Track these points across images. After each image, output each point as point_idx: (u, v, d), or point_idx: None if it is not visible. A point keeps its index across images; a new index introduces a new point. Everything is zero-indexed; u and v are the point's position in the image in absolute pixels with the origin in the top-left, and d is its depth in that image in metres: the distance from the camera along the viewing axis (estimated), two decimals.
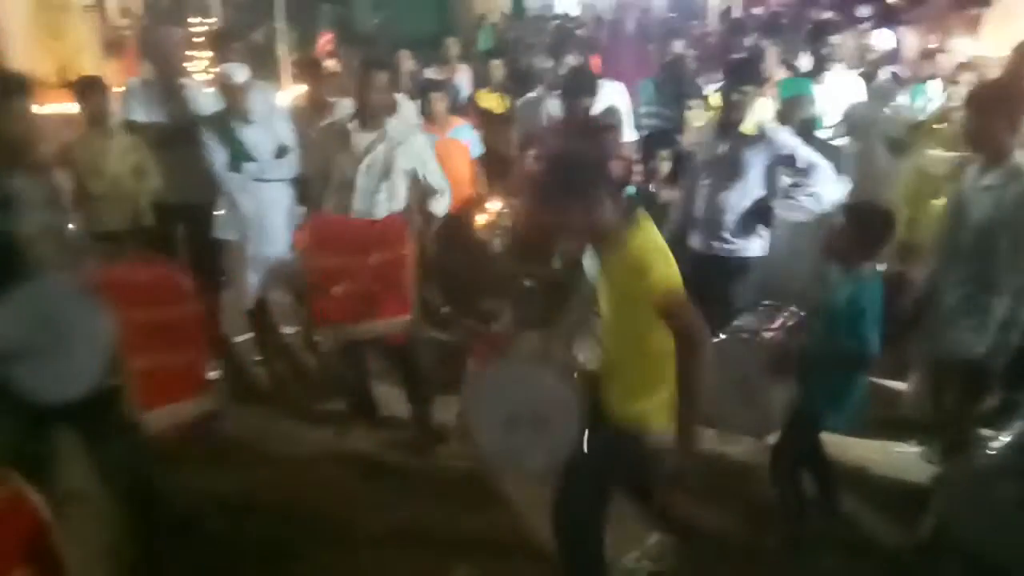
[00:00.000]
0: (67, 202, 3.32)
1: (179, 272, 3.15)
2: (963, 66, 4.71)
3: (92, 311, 2.61)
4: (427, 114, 4.86)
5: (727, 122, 3.89)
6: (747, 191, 3.85)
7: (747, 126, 3.85)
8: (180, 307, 2.99)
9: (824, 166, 3.80)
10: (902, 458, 3.78)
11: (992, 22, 7.51)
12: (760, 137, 3.83)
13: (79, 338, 2.59)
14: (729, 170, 3.85)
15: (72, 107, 4.34)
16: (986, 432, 3.18)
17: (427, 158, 3.97)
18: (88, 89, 4.21)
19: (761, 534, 3.20)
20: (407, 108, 5.05)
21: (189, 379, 3.03)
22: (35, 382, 2.54)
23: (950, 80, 4.53)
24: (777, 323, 3.17)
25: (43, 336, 2.55)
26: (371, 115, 3.80)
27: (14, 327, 2.53)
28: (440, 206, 4.05)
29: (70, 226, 3.24)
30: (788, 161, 3.81)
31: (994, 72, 4.34)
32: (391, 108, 4.43)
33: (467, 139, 4.96)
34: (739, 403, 2.96)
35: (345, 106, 4.72)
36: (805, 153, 3.81)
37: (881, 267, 3.08)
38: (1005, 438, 2.70)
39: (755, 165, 3.82)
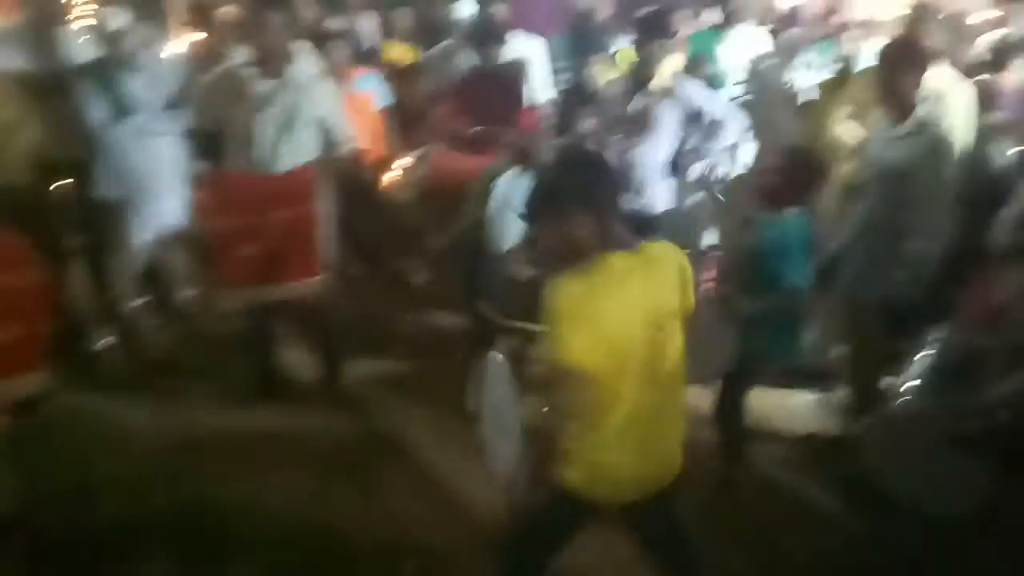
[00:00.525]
0: None
1: (8, 240, 2.85)
2: (862, 24, 4.81)
3: None
4: (327, 65, 4.62)
5: (638, 77, 3.86)
6: (659, 146, 3.85)
7: (658, 81, 3.82)
8: (10, 276, 2.74)
9: (735, 119, 3.84)
10: (803, 407, 3.92)
11: None
12: (671, 92, 3.81)
13: None
14: (640, 125, 3.83)
15: None
16: (890, 379, 3.34)
17: (333, 106, 3.77)
18: None
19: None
20: (308, 56, 4.79)
21: (17, 355, 2.78)
22: None
23: (847, 39, 4.62)
24: (712, 270, 3.21)
25: None
26: (269, 60, 3.56)
27: None
28: (347, 153, 3.87)
29: None
30: (699, 115, 3.82)
31: (893, 30, 4.43)
32: (291, 56, 4.20)
33: (371, 89, 4.77)
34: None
35: (240, 54, 4.44)
36: (716, 107, 3.84)
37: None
38: (909, 383, 2.82)
39: (666, 120, 3.81)
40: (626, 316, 1.99)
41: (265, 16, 3.52)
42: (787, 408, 3.86)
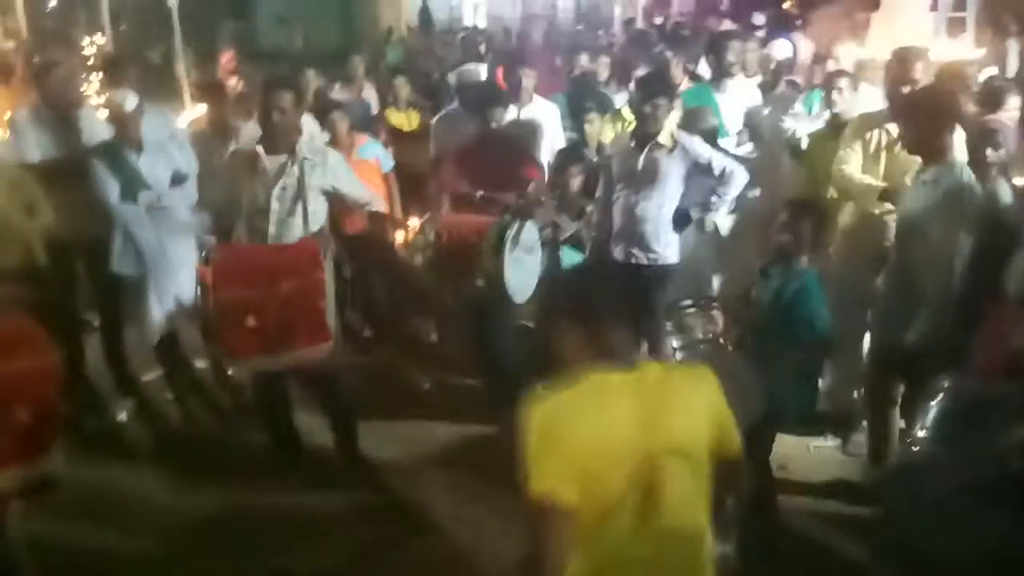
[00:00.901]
0: None
1: (23, 325, 2.87)
2: (840, 72, 4.91)
3: None
4: (331, 135, 4.75)
5: (643, 134, 3.95)
6: (665, 200, 3.93)
7: (662, 137, 3.92)
8: (15, 363, 2.72)
9: (740, 172, 3.91)
10: (821, 452, 3.90)
11: (878, 26, 7.91)
12: (675, 147, 3.90)
13: None
14: (647, 180, 3.92)
15: None
16: (904, 426, 3.33)
17: (342, 173, 3.87)
18: None
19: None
20: (313, 128, 4.94)
21: (29, 439, 2.76)
22: None
23: (832, 87, 4.72)
24: (718, 324, 3.25)
25: None
26: (279, 137, 3.68)
27: None
28: (376, 207, 3.99)
29: None
30: (704, 169, 3.90)
31: (878, 75, 4.54)
32: (300, 130, 4.33)
33: (374, 156, 4.91)
34: None
35: (250, 128, 4.57)
36: (720, 160, 3.92)
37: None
38: (924, 430, 2.82)
39: (672, 174, 3.90)
40: (604, 446, 1.69)
41: (275, 96, 3.63)
42: (806, 455, 3.85)
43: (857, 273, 3.85)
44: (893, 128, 3.72)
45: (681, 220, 3.98)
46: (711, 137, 4.39)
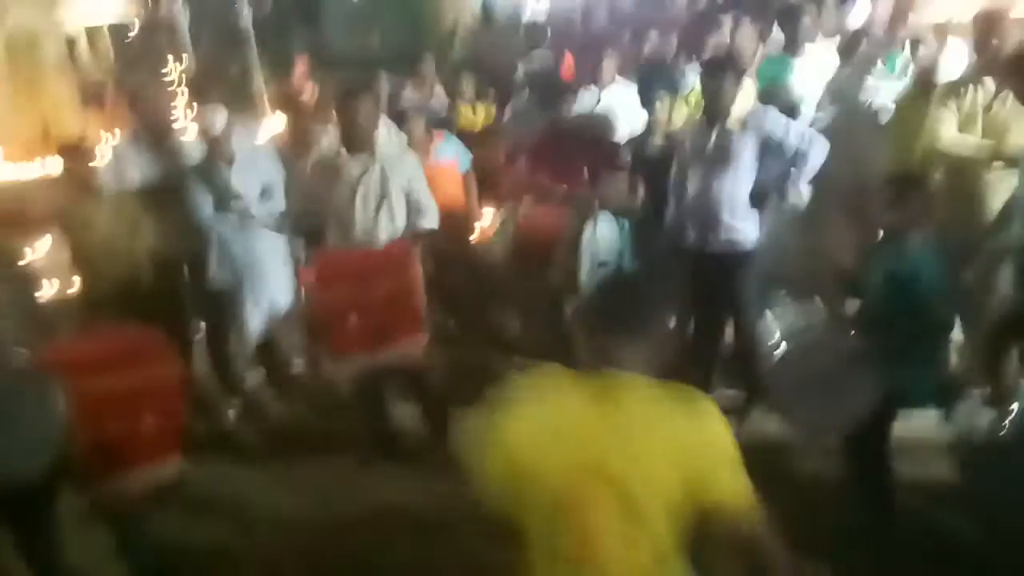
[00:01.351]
0: (31, 278, 3.28)
1: (149, 335, 3.10)
2: (937, 28, 4.71)
3: (42, 389, 2.62)
4: (408, 138, 4.84)
5: (713, 113, 3.87)
6: (740, 180, 3.80)
7: (734, 115, 3.82)
8: (147, 371, 2.96)
9: (819, 143, 3.77)
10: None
11: None
12: (748, 123, 3.80)
13: (28, 418, 2.61)
14: (720, 161, 3.81)
15: (57, 166, 4.33)
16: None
17: (417, 177, 3.98)
18: (72, 153, 4.17)
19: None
20: (392, 130, 5.06)
21: (157, 443, 3.00)
22: None
23: (917, 43, 4.53)
24: (839, 313, 3.14)
25: None
26: (360, 142, 3.80)
27: None
28: (427, 225, 4.05)
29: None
30: (780, 144, 3.79)
31: (963, 29, 4.34)
32: (375, 133, 4.45)
33: (452, 154, 4.96)
34: (823, 405, 2.91)
35: (330, 134, 4.73)
36: (796, 133, 3.78)
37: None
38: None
39: (745, 152, 3.78)
40: (532, 452, 1.56)
41: (353, 103, 3.75)
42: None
43: (963, 240, 3.69)
44: (989, 85, 3.57)
45: (759, 199, 3.85)
46: (791, 110, 4.27)
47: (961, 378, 3.82)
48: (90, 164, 4.17)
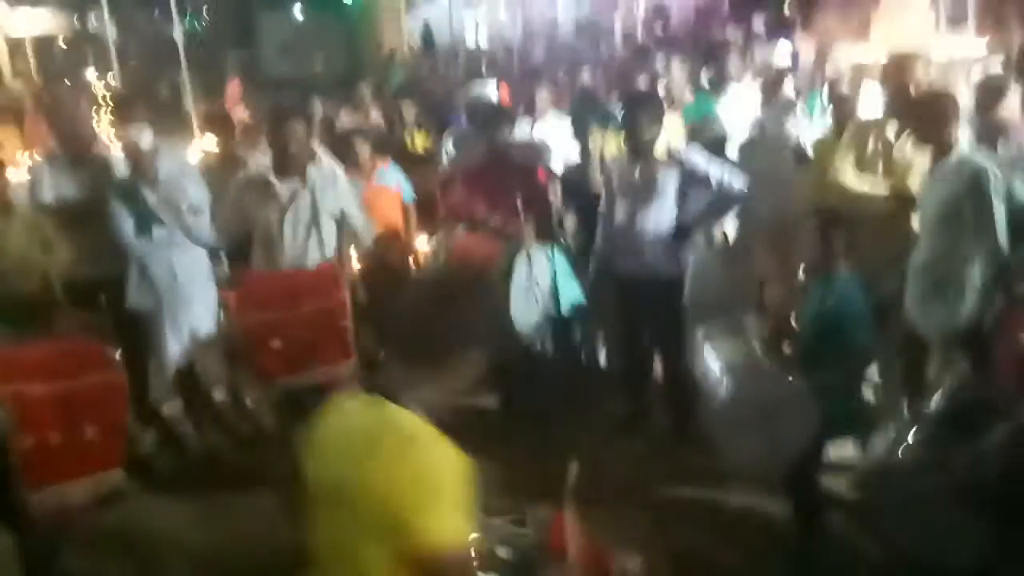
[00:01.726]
0: None
1: (92, 345, 3.08)
2: (856, 69, 4.94)
3: None
4: (352, 161, 4.82)
5: (634, 147, 3.97)
6: (664, 213, 3.91)
7: (658, 148, 3.93)
8: (87, 379, 2.93)
9: (739, 181, 3.90)
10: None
11: (878, 25, 7.91)
12: (671, 159, 3.91)
13: None
14: (644, 194, 3.92)
15: None
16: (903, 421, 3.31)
17: (350, 200, 3.95)
18: None
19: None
20: (323, 155, 5.01)
21: (98, 452, 2.97)
22: None
23: (834, 88, 4.75)
24: (752, 340, 3.23)
25: None
26: (291, 165, 3.75)
27: None
28: (367, 241, 4.04)
29: None
30: (701, 180, 3.90)
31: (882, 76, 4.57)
32: (311, 156, 4.40)
33: (395, 181, 4.95)
34: (757, 439, 2.95)
35: (259, 158, 4.65)
36: (718, 170, 3.91)
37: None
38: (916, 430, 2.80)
39: (669, 187, 3.89)
40: (309, 470, 1.69)
41: (286, 126, 3.71)
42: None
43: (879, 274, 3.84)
44: (889, 131, 3.77)
45: (682, 232, 3.96)
46: (719, 146, 4.40)
47: (878, 406, 3.95)
48: (2, 180, 4.00)
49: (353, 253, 4.17)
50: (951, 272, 3.33)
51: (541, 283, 4.04)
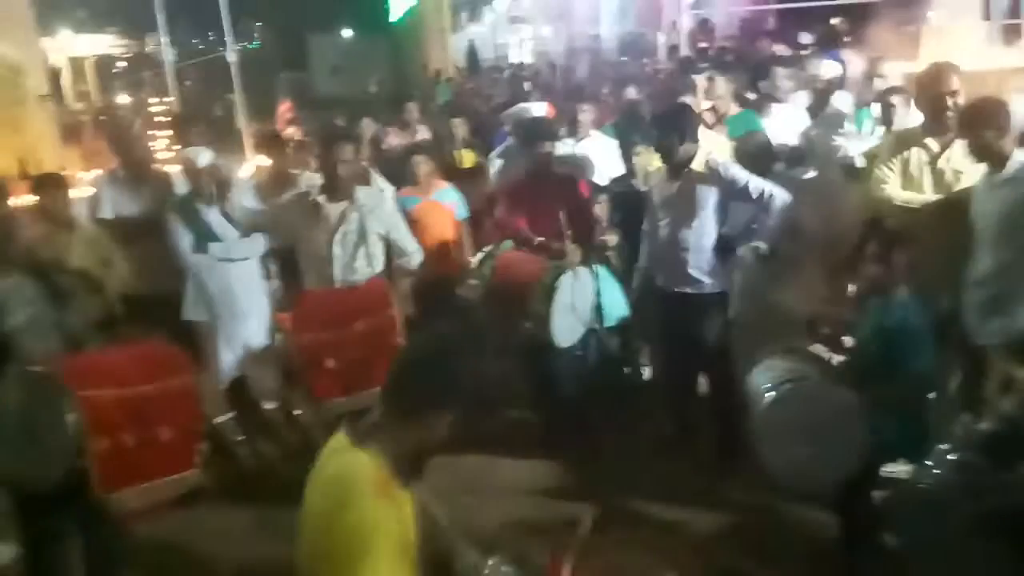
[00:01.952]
0: (66, 295, 3.32)
1: (170, 349, 3.18)
2: (895, 89, 4.86)
3: (55, 401, 2.67)
4: (412, 177, 4.94)
5: (670, 164, 3.97)
6: (704, 228, 3.89)
7: (695, 164, 3.92)
8: (164, 383, 3.00)
9: (780, 194, 3.86)
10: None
11: (929, 40, 7.80)
12: (710, 174, 3.89)
13: (45, 427, 2.68)
14: (684, 209, 3.91)
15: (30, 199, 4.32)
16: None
17: (396, 221, 4.03)
18: (46, 186, 4.13)
19: None
20: (375, 176, 5.12)
21: (173, 455, 3.03)
22: (7, 470, 2.70)
23: (886, 103, 4.68)
24: (826, 362, 3.15)
25: (11, 428, 2.66)
26: (341, 186, 3.85)
27: None
28: (411, 266, 4.10)
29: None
30: (742, 194, 3.87)
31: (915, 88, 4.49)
32: (361, 177, 4.50)
33: (451, 201, 5.03)
34: (807, 455, 2.91)
35: (309, 177, 4.77)
36: (757, 184, 3.87)
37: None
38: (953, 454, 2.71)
39: (708, 202, 3.88)
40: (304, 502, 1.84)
41: (335, 149, 3.82)
42: None
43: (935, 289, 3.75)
44: (932, 143, 3.69)
45: (725, 247, 3.93)
46: (766, 159, 4.35)
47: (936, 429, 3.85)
48: (62, 198, 4.11)
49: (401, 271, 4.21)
50: (1013, 283, 3.26)
51: (585, 299, 4.04)
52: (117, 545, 3.10)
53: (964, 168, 3.63)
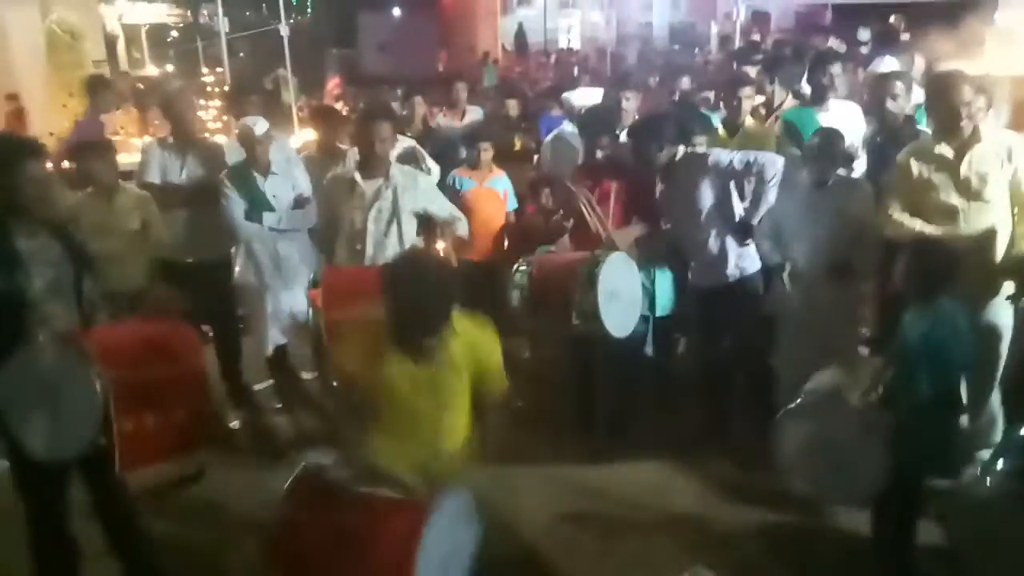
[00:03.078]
0: (87, 260, 3.32)
1: (181, 329, 3.11)
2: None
3: (84, 373, 2.64)
4: (472, 162, 4.93)
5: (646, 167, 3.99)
6: (710, 217, 3.89)
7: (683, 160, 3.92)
8: (177, 365, 2.96)
9: (770, 159, 3.78)
10: None
11: (992, 41, 7.57)
12: (688, 165, 3.90)
13: (69, 399, 2.64)
14: (683, 204, 3.94)
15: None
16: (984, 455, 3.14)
17: (434, 195, 4.06)
18: (90, 150, 4.16)
19: None
20: (424, 156, 5.15)
21: (182, 436, 2.98)
22: (31, 441, 2.65)
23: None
24: (863, 378, 3.03)
25: (35, 398, 2.63)
26: (375, 163, 3.89)
27: (8, 390, 2.62)
28: (459, 232, 4.13)
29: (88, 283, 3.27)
30: (731, 172, 3.85)
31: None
32: (411, 157, 4.53)
33: (503, 188, 5.02)
34: (828, 469, 2.87)
35: (355, 153, 4.79)
36: (740, 157, 3.83)
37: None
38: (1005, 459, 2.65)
39: (702, 190, 3.87)
40: None
41: (371, 125, 3.84)
42: None
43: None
44: (946, 151, 3.56)
45: (742, 230, 3.90)
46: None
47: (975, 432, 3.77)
48: (111, 162, 4.13)
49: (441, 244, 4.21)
50: None
51: (632, 285, 3.97)
52: (132, 521, 3.12)
53: (988, 170, 3.50)
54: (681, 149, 4.00)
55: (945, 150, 3.59)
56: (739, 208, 3.97)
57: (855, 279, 3.86)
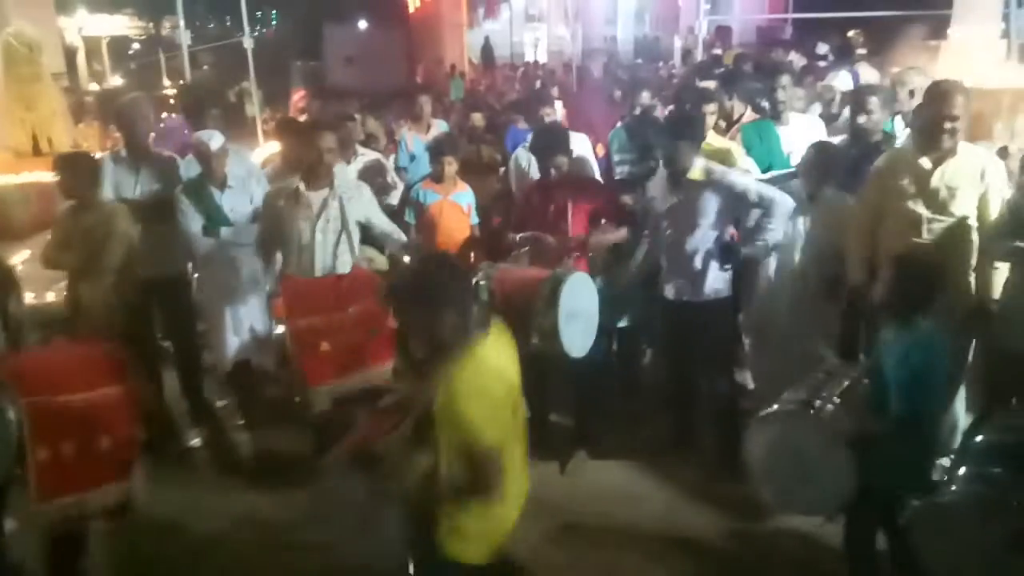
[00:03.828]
0: (10, 282, 3.17)
1: (108, 352, 3.00)
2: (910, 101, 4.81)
3: None
4: (437, 175, 4.87)
5: (673, 172, 3.96)
6: (705, 235, 3.88)
7: (693, 172, 3.89)
8: (100, 390, 2.85)
9: (783, 199, 3.82)
10: None
11: (947, 55, 7.77)
12: (709, 181, 3.88)
13: None
14: (684, 217, 3.90)
15: (47, 176, 4.30)
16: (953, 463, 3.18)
17: (375, 209, 4.10)
18: (69, 165, 4.03)
19: None
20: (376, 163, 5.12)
21: (105, 466, 2.88)
22: None
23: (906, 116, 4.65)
24: (830, 390, 3.01)
25: None
26: (321, 174, 3.91)
27: None
28: (398, 248, 4.17)
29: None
30: (742, 200, 3.85)
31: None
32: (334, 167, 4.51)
33: (467, 203, 4.95)
34: (795, 480, 2.85)
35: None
36: (756, 189, 3.85)
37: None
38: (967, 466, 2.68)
39: (709, 208, 3.86)
40: None
41: (319, 137, 3.87)
42: None
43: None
44: (924, 162, 3.59)
45: (729, 253, 3.89)
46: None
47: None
48: (87, 175, 4.02)
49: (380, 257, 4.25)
50: None
51: (592, 303, 3.93)
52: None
53: (959, 184, 3.54)
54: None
55: (922, 159, 3.62)
56: (730, 232, 3.98)
57: (839, 292, 3.91)
